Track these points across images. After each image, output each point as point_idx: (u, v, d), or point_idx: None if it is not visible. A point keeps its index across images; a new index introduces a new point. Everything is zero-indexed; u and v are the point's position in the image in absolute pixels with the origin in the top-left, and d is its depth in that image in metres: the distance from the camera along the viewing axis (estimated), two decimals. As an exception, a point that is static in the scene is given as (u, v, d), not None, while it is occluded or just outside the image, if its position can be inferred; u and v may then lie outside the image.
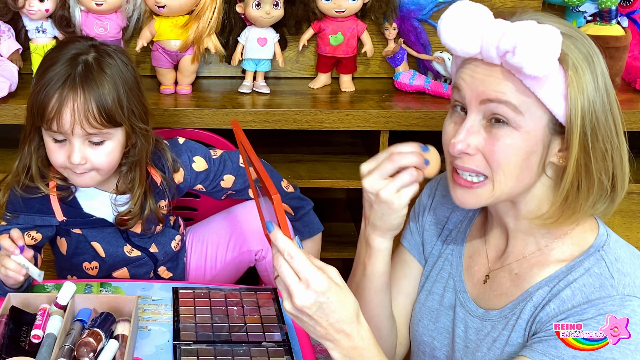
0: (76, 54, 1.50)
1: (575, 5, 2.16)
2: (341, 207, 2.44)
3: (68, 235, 1.64)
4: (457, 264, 1.33)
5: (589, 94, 1.10)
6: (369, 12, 2.09)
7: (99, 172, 1.53)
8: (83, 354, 1.24)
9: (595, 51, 1.13)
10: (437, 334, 1.32)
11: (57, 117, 1.45)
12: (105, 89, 1.47)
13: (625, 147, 1.16)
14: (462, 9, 1.16)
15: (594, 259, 1.16)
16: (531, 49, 1.06)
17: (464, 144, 1.15)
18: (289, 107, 1.98)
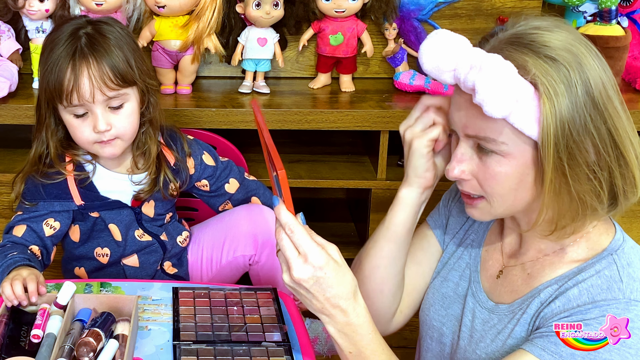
0: (75, 29, 1.54)
1: (575, 5, 2.16)
2: (341, 207, 2.44)
3: (83, 220, 1.66)
4: (476, 254, 1.34)
5: (564, 117, 1.08)
6: (369, 12, 2.09)
7: (122, 139, 1.57)
8: (83, 353, 1.24)
9: (582, 64, 1.09)
10: (447, 320, 1.33)
11: (75, 89, 1.49)
12: (113, 52, 1.52)
13: (630, 155, 1.13)
14: (439, 38, 1.16)
15: (606, 261, 1.16)
16: (488, 92, 1.06)
17: (457, 171, 1.19)
18: (289, 107, 1.98)
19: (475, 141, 1.16)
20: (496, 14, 2.14)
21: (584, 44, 1.11)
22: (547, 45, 1.09)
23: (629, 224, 2.01)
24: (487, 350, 1.24)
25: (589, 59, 1.10)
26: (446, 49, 1.14)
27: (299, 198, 2.05)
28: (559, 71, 1.08)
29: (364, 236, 2.12)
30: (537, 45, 1.10)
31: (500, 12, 2.14)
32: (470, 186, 1.20)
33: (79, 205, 1.63)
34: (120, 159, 1.64)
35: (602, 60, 1.12)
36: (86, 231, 1.67)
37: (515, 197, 1.17)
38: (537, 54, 1.09)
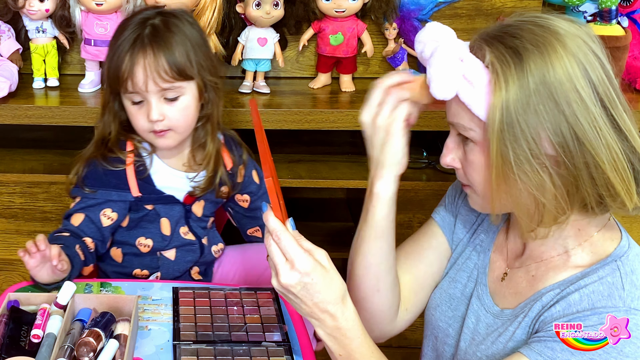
0: (143, 18, 1.58)
1: (575, 5, 2.16)
2: (341, 207, 2.44)
3: (137, 211, 1.67)
4: (485, 256, 1.34)
5: (511, 104, 1.09)
6: (369, 12, 2.09)
7: (176, 131, 1.59)
8: (83, 353, 1.24)
9: (548, 58, 1.09)
10: (454, 321, 1.33)
11: (130, 76, 1.53)
12: (173, 45, 1.54)
13: (601, 156, 1.10)
14: (428, 28, 1.21)
15: (609, 268, 1.15)
16: (432, 74, 1.14)
17: (448, 159, 1.23)
18: (289, 107, 1.98)
19: (456, 130, 1.20)
20: (496, 13, 2.14)
21: (564, 43, 1.10)
22: (515, 37, 1.11)
23: (629, 224, 2.01)
24: (487, 352, 1.24)
25: (559, 54, 1.09)
26: (430, 38, 1.18)
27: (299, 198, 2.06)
28: (516, 61, 1.09)
29: (364, 236, 2.12)
30: (508, 36, 1.12)
31: (500, 12, 2.14)
32: (460, 175, 1.24)
33: (135, 197, 1.64)
34: (177, 153, 1.66)
35: (586, 59, 1.10)
36: (135, 219, 1.68)
37: (490, 188, 1.17)
38: (501, 43, 1.11)
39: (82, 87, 2.04)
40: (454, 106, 1.17)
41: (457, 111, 1.17)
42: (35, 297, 1.39)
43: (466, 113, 1.15)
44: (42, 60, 2.04)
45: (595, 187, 1.12)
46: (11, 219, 2.04)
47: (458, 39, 1.18)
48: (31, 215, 2.03)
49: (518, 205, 1.15)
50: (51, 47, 2.04)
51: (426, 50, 1.18)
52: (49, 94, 2.04)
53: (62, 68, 2.13)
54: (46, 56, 2.04)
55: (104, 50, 1.99)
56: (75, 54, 2.13)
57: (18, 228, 2.04)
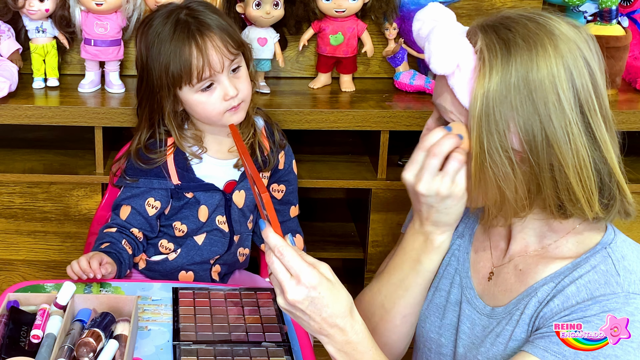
0: (170, 10, 1.62)
1: (575, 5, 2.16)
2: (341, 207, 2.44)
3: (178, 200, 1.70)
4: (464, 259, 1.33)
5: (491, 93, 1.10)
6: (369, 12, 2.09)
7: (246, 101, 1.65)
8: (83, 354, 1.24)
9: (535, 55, 1.09)
10: (444, 330, 1.33)
11: (207, 64, 1.57)
12: (215, 20, 1.61)
13: (566, 161, 1.10)
14: (428, 8, 1.23)
15: (600, 256, 1.16)
16: (431, 48, 1.16)
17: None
18: (289, 107, 1.98)
19: (438, 110, 1.23)
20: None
21: (555, 44, 1.10)
22: (510, 30, 1.12)
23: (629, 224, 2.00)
24: (487, 354, 1.23)
25: (547, 53, 1.09)
26: (429, 17, 1.20)
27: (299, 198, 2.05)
28: (504, 52, 1.11)
29: (364, 236, 2.12)
30: (503, 27, 1.13)
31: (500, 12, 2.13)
32: None
33: (175, 185, 1.68)
34: (223, 145, 1.71)
35: (575, 64, 1.10)
36: (177, 207, 1.71)
37: (468, 173, 1.19)
38: (495, 33, 1.13)
39: (82, 87, 2.04)
40: (440, 86, 1.20)
41: (441, 92, 1.19)
42: (35, 298, 1.39)
43: (449, 95, 1.17)
44: (42, 60, 2.04)
45: (556, 190, 1.13)
46: (11, 219, 2.04)
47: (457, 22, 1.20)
48: (31, 215, 2.03)
49: (485, 193, 1.17)
50: (51, 47, 2.04)
51: (424, 27, 1.20)
52: (49, 94, 2.04)
53: (62, 68, 2.12)
54: (46, 56, 2.04)
55: (104, 50, 1.99)
56: (75, 54, 2.13)
57: (18, 228, 2.04)
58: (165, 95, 1.62)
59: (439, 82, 1.20)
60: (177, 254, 1.72)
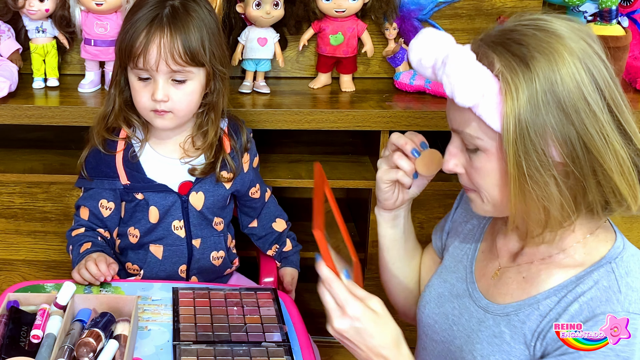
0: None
1: (575, 5, 2.16)
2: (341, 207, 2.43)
3: (129, 201, 1.67)
4: (472, 257, 1.34)
5: (522, 115, 1.08)
6: (369, 12, 2.09)
7: (176, 115, 1.59)
8: (83, 354, 1.24)
9: (555, 64, 1.08)
10: (439, 318, 1.34)
11: (144, 53, 1.53)
12: (190, 30, 1.55)
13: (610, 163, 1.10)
14: (424, 35, 1.18)
15: (604, 270, 1.15)
16: (452, 81, 1.11)
17: (451, 164, 1.23)
18: (289, 107, 1.98)
19: (460, 137, 1.19)
20: (496, 13, 2.13)
21: (569, 46, 1.09)
22: (522, 44, 1.10)
23: (630, 224, 2.01)
24: (482, 352, 1.23)
25: (566, 60, 1.08)
26: (428, 46, 1.16)
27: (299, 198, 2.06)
28: (524, 69, 1.08)
29: (364, 236, 2.12)
30: (512, 42, 1.11)
31: (501, 12, 2.14)
32: (464, 179, 1.23)
33: (124, 185, 1.65)
34: (171, 139, 1.66)
35: (592, 62, 1.10)
36: (129, 210, 1.68)
37: (502, 194, 1.17)
38: (508, 51, 1.10)
39: (82, 87, 2.04)
40: (458, 115, 1.16)
41: (466, 120, 1.16)
42: (35, 298, 1.39)
43: (476, 123, 1.14)
44: (42, 60, 2.04)
45: (602, 193, 1.13)
46: (11, 219, 2.04)
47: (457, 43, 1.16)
48: (31, 215, 2.03)
49: (527, 213, 1.15)
50: (51, 47, 2.04)
51: (426, 58, 1.16)
52: (49, 94, 2.04)
53: (62, 68, 2.12)
54: (46, 56, 2.04)
55: (104, 50, 2.00)
56: (75, 54, 2.13)
57: (18, 228, 2.04)
58: (117, 66, 1.63)
59: (460, 111, 1.15)
60: (142, 274, 1.68)
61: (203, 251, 1.69)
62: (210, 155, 1.65)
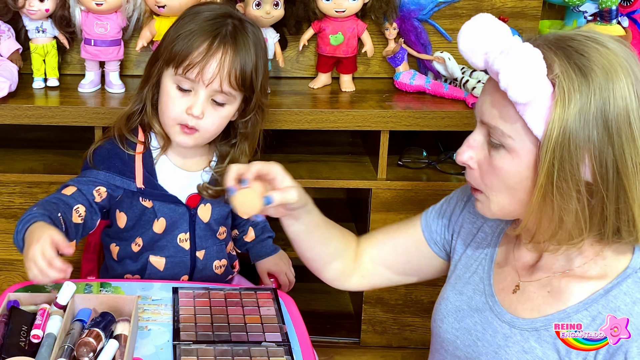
0: (225, 13, 1.54)
1: (575, 5, 2.16)
2: (341, 207, 2.44)
3: (132, 208, 1.61)
4: (489, 268, 1.32)
5: (569, 126, 1.07)
6: (369, 12, 2.09)
7: (202, 135, 1.54)
8: (83, 354, 1.24)
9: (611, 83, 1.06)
10: (461, 333, 1.31)
11: (201, 65, 1.47)
12: (250, 54, 1.51)
13: (635, 192, 1.09)
14: (481, 20, 1.16)
15: (631, 281, 1.14)
16: (512, 74, 1.07)
17: (466, 156, 1.20)
18: (289, 107, 1.98)
19: (487, 131, 1.16)
20: (496, 13, 2.13)
21: (625, 67, 1.08)
22: (583, 55, 1.08)
23: None
24: None
25: (622, 82, 1.07)
26: (484, 32, 1.14)
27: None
28: (582, 81, 1.07)
29: (364, 236, 2.12)
30: (574, 51, 1.09)
31: (501, 12, 2.14)
32: (472, 177, 1.21)
33: (138, 188, 1.58)
34: (187, 157, 1.62)
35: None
36: (133, 218, 1.62)
37: (512, 197, 1.16)
38: (568, 58, 1.08)
39: (82, 87, 2.04)
40: (498, 108, 1.14)
41: (501, 114, 1.13)
42: (35, 297, 1.39)
43: (517, 121, 1.11)
44: (42, 60, 2.04)
45: (618, 219, 1.12)
46: (11, 219, 2.03)
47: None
48: (31, 215, 2.03)
49: (540, 220, 1.14)
50: (51, 47, 2.04)
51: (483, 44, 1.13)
52: (49, 94, 2.04)
53: (62, 68, 2.12)
54: (46, 56, 2.04)
55: (104, 50, 2.00)
56: (75, 54, 2.13)
57: (18, 228, 2.04)
58: (157, 68, 1.55)
59: (502, 105, 1.13)
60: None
61: (206, 262, 1.67)
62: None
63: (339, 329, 2.24)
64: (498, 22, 1.15)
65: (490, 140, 1.16)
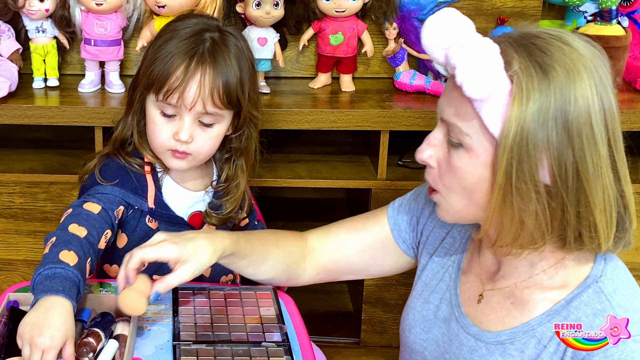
0: (202, 29, 1.44)
1: (575, 5, 2.16)
2: (341, 207, 2.44)
3: (136, 229, 1.53)
4: (456, 277, 1.30)
5: (526, 125, 1.04)
6: (369, 11, 2.09)
7: (196, 158, 1.48)
8: (83, 354, 1.24)
9: (572, 83, 1.04)
10: (428, 344, 1.30)
11: (180, 90, 1.39)
12: (232, 68, 1.42)
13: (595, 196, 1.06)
14: (444, 15, 1.12)
15: (592, 291, 1.13)
16: (467, 69, 1.04)
17: (426, 154, 1.17)
18: (289, 107, 1.98)
19: (447, 129, 1.14)
20: (496, 13, 2.14)
21: (589, 67, 1.06)
22: (545, 53, 1.06)
23: (630, 224, 2.00)
24: None
25: (584, 82, 1.04)
26: (447, 27, 1.10)
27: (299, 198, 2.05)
28: (542, 79, 1.04)
29: (364, 236, 2.12)
30: (536, 48, 1.06)
31: (501, 12, 2.14)
32: (431, 175, 1.18)
33: (149, 208, 1.51)
34: (187, 175, 1.55)
35: (605, 91, 1.06)
36: (135, 239, 1.53)
37: (470, 199, 1.14)
38: (530, 56, 1.05)
39: (82, 87, 2.04)
40: (456, 105, 1.11)
41: (458, 111, 1.11)
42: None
43: (474, 119, 1.09)
44: (42, 60, 2.04)
45: (579, 224, 1.09)
46: (11, 219, 2.04)
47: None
48: (31, 215, 2.03)
49: (501, 223, 1.12)
50: (51, 47, 2.04)
51: (444, 39, 1.10)
52: (49, 94, 2.04)
53: (62, 68, 2.13)
54: (46, 56, 2.04)
55: (104, 50, 2.00)
56: (75, 54, 2.13)
57: (18, 228, 2.04)
58: (139, 94, 1.48)
59: (459, 101, 1.10)
60: None
61: (213, 278, 1.64)
62: (233, 205, 1.55)
63: (339, 329, 2.24)
64: (462, 18, 1.11)
65: (450, 138, 1.14)
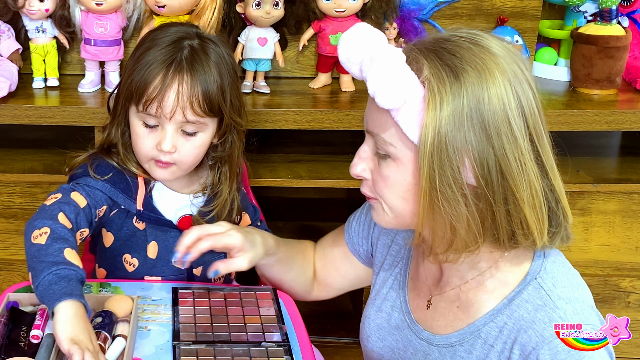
0: (181, 37, 1.44)
1: (575, 5, 2.16)
2: (341, 207, 2.44)
3: (122, 229, 1.54)
4: (403, 285, 1.31)
5: (443, 128, 1.04)
6: (369, 12, 2.09)
7: (180, 167, 1.47)
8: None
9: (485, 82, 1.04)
10: (385, 352, 1.31)
11: (158, 99, 1.39)
12: (211, 76, 1.41)
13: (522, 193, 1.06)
14: (356, 31, 1.12)
15: (532, 288, 1.13)
16: (376, 80, 1.05)
17: (359, 168, 1.18)
18: (289, 107, 1.98)
19: (374, 140, 1.15)
20: (496, 13, 2.14)
21: (502, 66, 1.06)
22: (455, 55, 1.06)
23: (629, 224, 2.00)
24: None
25: (497, 80, 1.05)
26: (359, 42, 1.10)
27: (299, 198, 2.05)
28: (453, 81, 1.04)
29: (364, 236, 2.12)
30: (446, 52, 1.07)
31: (501, 12, 2.14)
32: (367, 187, 1.19)
33: (137, 210, 1.51)
34: (177, 181, 1.54)
35: (521, 88, 1.06)
36: (121, 238, 1.55)
37: (404, 207, 1.14)
38: (440, 60, 1.06)
39: (82, 87, 2.04)
40: (376, 117, 1.12)
41: (379, 123, 1.11)
42: (35, 298, 1.38)
43: (393, 128, 1.09)
44: (42, 60, 2.04)
45: (510, 222, 1.09)
46: (11, 219, 2.04)
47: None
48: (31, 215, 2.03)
49: (434, 229, 1.12)
50: (51, 47, 2.04)
51: (354, 54, 1.10)
52: (49, 94, 2.04)
53: (62, 68, 2.12)
54: (46, 56, 2.04)
55: (104, 50, 2.00)
56: (75, 54, 2.13)
57: (18, 228, 2.04)
58: (121, 105, 1.48)
59: (379, 113, 1.10)
60: None
61: (204, 277, 1.62)
62: (224, 212, 1.55)
63: (339, 329, 2.24)
64: (374, 31, 1.11)
65: (377, 150, 1.14)
